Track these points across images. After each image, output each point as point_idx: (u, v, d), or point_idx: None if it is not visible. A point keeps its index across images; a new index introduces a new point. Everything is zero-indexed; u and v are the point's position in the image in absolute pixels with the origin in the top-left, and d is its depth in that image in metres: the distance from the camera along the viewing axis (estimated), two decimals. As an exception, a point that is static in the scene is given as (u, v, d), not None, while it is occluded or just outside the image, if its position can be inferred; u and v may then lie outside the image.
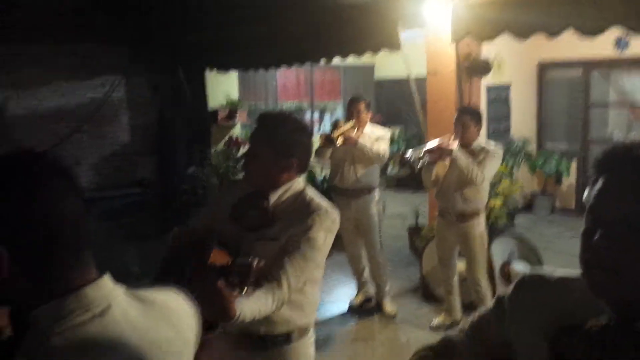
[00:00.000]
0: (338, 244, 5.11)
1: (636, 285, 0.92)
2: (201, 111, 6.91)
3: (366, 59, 8.82)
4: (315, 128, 8.67)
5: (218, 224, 2.00)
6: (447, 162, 3.81)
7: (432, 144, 3.81)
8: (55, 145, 6.72)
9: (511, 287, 1.19)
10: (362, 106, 4.42)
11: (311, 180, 7.13)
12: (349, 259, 4.80)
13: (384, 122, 6.41)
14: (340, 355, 3.98)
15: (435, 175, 3.91)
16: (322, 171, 7.43)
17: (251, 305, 1.70)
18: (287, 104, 8.03)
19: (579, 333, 0.96)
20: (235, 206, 1.99)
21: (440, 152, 3.73)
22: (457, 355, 1.21)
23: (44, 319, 0.85)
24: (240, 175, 2.07)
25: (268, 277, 1.80)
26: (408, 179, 8.71)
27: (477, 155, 3.75)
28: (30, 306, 0.87)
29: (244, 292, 1.61)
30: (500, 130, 6.97)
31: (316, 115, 8.64)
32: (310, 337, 2.06)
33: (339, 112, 8.73)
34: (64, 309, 0.86)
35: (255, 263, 1.59)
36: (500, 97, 6.95)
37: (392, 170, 9.12)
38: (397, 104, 8.76)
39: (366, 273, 4.73)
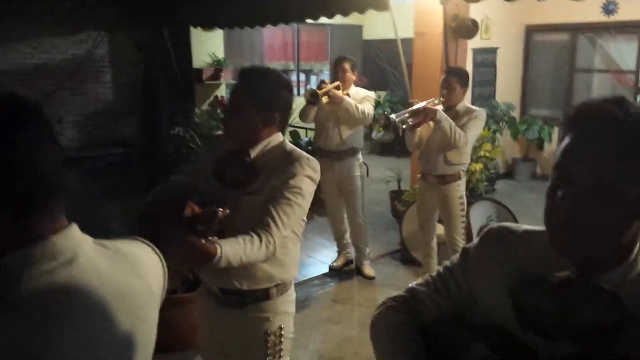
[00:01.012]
0: (320, 207, 5.17)
1: (598, 244, 0.94)
2: (186, 70, 6.82)
3: (354, 19, 8.79)
4: (302, 90, 8.62)
5: (201, 182, 2.02)
6: (431, 124, 3.82)
7: (417, 105, 3.81)
8: (38, 102, 6.65)
9: (477, 239, 1.20)
10: (347, 66, 4.38)
11: (296, 142, 7.12)
12: (331, 222, 4.83)
13: (370, 86, 6.37)
14: (319, 315, 4.04)
15: (419, 137, 3.92)
16: (307, 134, 7.42)
17: (234, 246, 1.73)
18: (273, 65, 7.94)
19: (541, 285, 0.99)
20: (218, 164, 1.99)
21: (424, 114, 3.73)
22: (422, 306, 1.23)
23: (12, 265, 0.86)
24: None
25: (256, 225, 1.82)
26: (392, 144, 8.72)
27: (461, 117, 3.76)
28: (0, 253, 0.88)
29: (210, 239, 1.63)
30: (485, 94, 6.98)
31: (302, 76, 8.57)
32: (291, 295, 2.08)
33: (326, 74, 8.65)
34: (32, 256, 0.87)
35: (220, 210, 1.63)
36: (486, 60, 6.92)
37: (376, 134, 9.10)
38: (385, 66, 8.70)
39: (347, 236, 4.77)
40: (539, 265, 1.01)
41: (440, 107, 3.74)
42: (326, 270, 4.79)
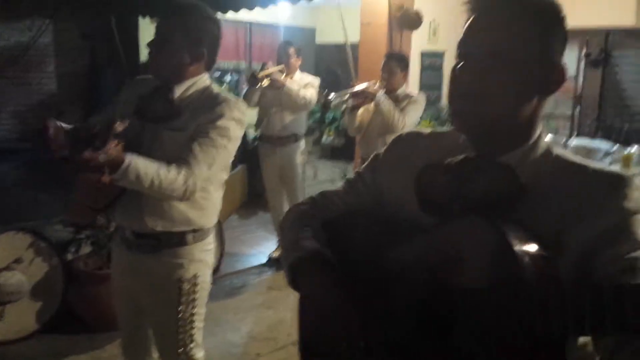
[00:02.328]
0: (264, 203, 5.13)
1: (494, 115, 0.95)
2: (133, 61, 6.69)
3: (307, 21, 8.82)
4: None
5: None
6: (371, 107, 3.83)
7: (357, 87, 3.82)
8: (-25, 90, 6.40)
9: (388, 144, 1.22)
10: (292, 50, 4.38)
11: (244, 139, 7.05)
12: (271, 209, 4.81)
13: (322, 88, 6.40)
14: (253, 301, 3.99)
15: (359, 122, 3.92)
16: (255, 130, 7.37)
17: (146, 162, 1.68)
18: (224, 64, 7.88)
19: (440, 167, 0.98)
20: (139, 101, 1.92)
21: (364, 96, 3.75)
22: (329, 203, 1.22)
23: None
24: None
25: (177, 161, 1.76)
26: (343, 149, 8.75)
27: (401, 102, 3.79)
28: None
29: (107, 149, 1.57)
30: (431, 98, 7.07)
31: (254, 77, 8.53)
32: (209, 244, 2.02)
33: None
34: None
35: (118, 122, 1.59)
36: (434, 64, 7.04)
37: (326, 139, 9.13)
38: (337, 70, 8.75)
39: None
40: (444, 157, 1.01)
41: (380, 91, 3.76)
42: (264, 259, 4.72)
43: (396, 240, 1.03)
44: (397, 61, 3.84)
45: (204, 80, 1.94)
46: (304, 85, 4.38)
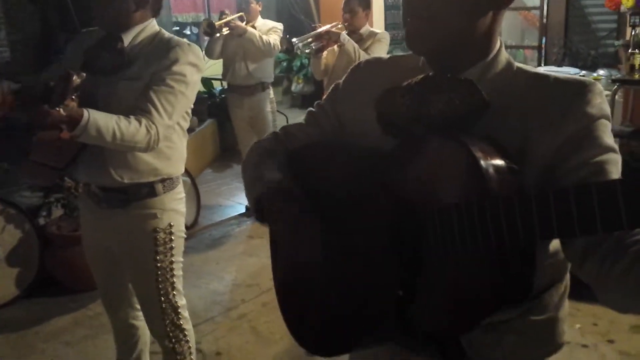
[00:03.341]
0: (237, 156, 5.09)
1: (449, 34, 0.92)
2: (86, 22, 6.45)
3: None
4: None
5: None
6: (335, 49, 3.77)
7: (320, 29, 3.76)
8: None
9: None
10: None
11: (209, 91, 6.93)
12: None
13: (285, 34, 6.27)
14: (234, 250, 4.01)
15: (325, 64, 3.87)
16: (221, 84, 7.24)
17: (105, 116, 1.64)
18: (182, 16, 7.65)
19: (400, 88, 0.96)
20: (86, 54, 1.84)
21: (327, 38, 3.68)
22: (291, 137, 1.21)
23: None
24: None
25: (136, 112, 1.72)
26: (313, 96, 8.67)
27: (365, 40, 3.73)
28: None
29: (66, 103, 1.54)
30: (397, 37, 7.00)
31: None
32: (179, 193, 1.99)
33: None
34: None
35: (73, 73, 1.54)
36: (398, 3, 6.94)
37: (296, 87, 9.03)
38: (299, 16, 8.58)
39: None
40: (404, 80, 0.98)
41: (344, 32, 3.69)
42: (243, 210, 4.71)
43: (360, 167, 1.02)
44: (358, 0, 3.76)
45: (152, 26, 1.88)
46: (267, 30, 4.29)
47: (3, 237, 3.29)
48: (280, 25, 4.41)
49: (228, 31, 4.17)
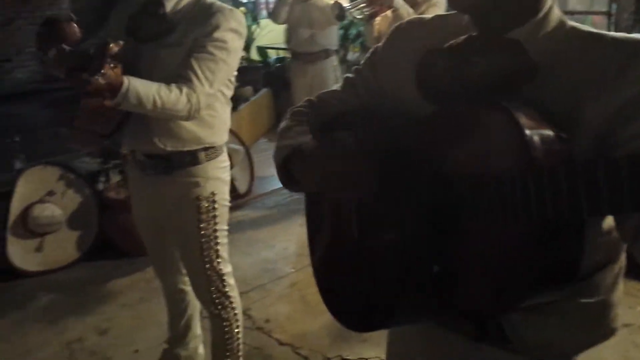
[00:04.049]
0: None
1: None
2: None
3: None
4: (264, 12, 8.35)
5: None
6: (389, 15, 3.65)
7: None
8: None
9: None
10: None
11: (264, 60, 6.93)
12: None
13: None
14: (288, 219, 4.02)
15: (378, 31, 3.76)
16: (277, 53, 7.22)
17: (145, 83, 1.65)
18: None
19: (441, 50, 0.90)
20: (130, 20, 1.84)
21: (380, 2, 3.57)
22: (326, 104, 1.15)
23: None
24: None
25: (177, 80, 1.71)
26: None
27: (420, 5, 3.59)
28: None
29: (103, 72, 1.54)
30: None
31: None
32: (223, 161, 1.99)
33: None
34: None
35: (111, 42, 1.54)
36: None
37: (352, 56, 8.89)
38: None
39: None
40: (447, 42, 0.91)
41: None
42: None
43: (395, 135, 0.97)
44: None
45: None
46: None
47: (64, 202, 3.43)
48: None
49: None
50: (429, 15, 1.10)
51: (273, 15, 4.34)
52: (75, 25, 1.57)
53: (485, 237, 0.78)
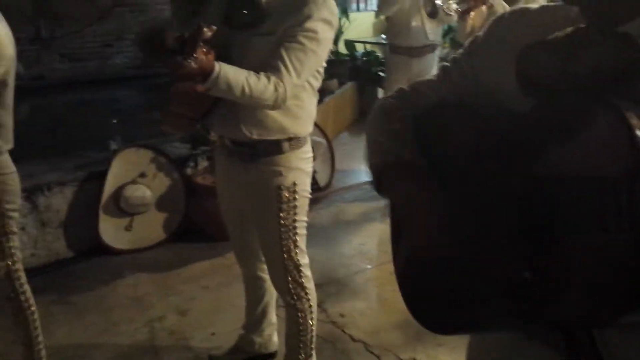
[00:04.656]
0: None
1: None
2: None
3: None
4: (362, 5, 8.32)
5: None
6: (484, 10, 3.54)
7: None
8: (99, 19, 6.74)
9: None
10: None
11: (351, 54, 6.92)
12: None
13: None
14: (367, 215, 4.00)
15: (471, 27, 3.65)
16: (364, 47, 7.18)
17: (236, 70, 1.68)
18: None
19: (545, 43, 0.84)
20: (227, 8, 1.89)
21: None
22: (420, 95, 1.12)
23: None
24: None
25: (266, 68, 1.74)
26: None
27: (518, 1, 3.45)
28: None
29: (196, 56, 1.57)
30: None
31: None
32: (306, 152, 2.00)
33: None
34: None
35: (205, 27, 1.56)
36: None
37: (442, 52, 8.71)
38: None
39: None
40: (552, 34, 0.86)
41: None
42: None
43: (492, 132, 0.92)
44: None
45: None
46: None
47: (154, 184, 3.57)
48: None
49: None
50: (534, 5, 1.05)
51: (382, 7, 4.25)
52: (171, 34, 1.63)
53: (581, 244, 0.73)
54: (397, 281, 1.12)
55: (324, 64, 1.91)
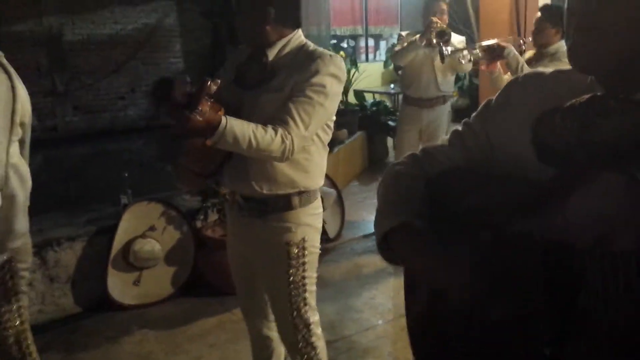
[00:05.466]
0: (384, 169, 5.04)
1: (619, 48, 0.79)
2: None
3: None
4: (371, 55, 8.43)
5: (224, 91, 1.95)
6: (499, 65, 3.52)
7: (488, 42, 3.53)
8: (113, 72, 6.88)
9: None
10: (444, 6, 4.14)
11: (361, 104, 6.97)
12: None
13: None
14: (377, 267, 3.90)
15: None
16: (373, 97, 7.25)
17: (242, 123, 1.69)
18: (340, 30, 7.79)
19: (561, 110, 0.84)
20: (237, 69, 1.95)
21: (492, 52, 3.46)
22: (432, 160, 1.11)
23: None
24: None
25: (274, 122, 1.75)
26: (468, 110, 8.39)
27: (542, 57, 3.42)
28: None
29: (201, 108, 1.58)
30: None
31: (371, 42, 8.37)
32: (316, 208, 1.99)
33: (395, 39, 8.42)
34: None
35: (210, 80, 1.59)
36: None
37: (453, 100, 8.79)
38: (458, 25, 8.37)
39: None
40: (568, 100, 0.86)
41: (510, 46, 3.44)
42: (387, 226, 4.64)
43: (509, 199, 0.90)
44: (546, 14, 3.44)
45: (297, 38, 1.90)
46: (457, 43, 4.17)
47: (164, 237, 3.56)
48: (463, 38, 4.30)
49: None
50: (549, 69, 1.04)
51: (396, 57, 4.29)
52: (180, 85, 1.64)
53: (605, 314, 0.70)
54: (409, 337, 1.09)
55: (334, 118, 1.93)
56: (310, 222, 1.97)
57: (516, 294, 0.84)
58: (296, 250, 1.93)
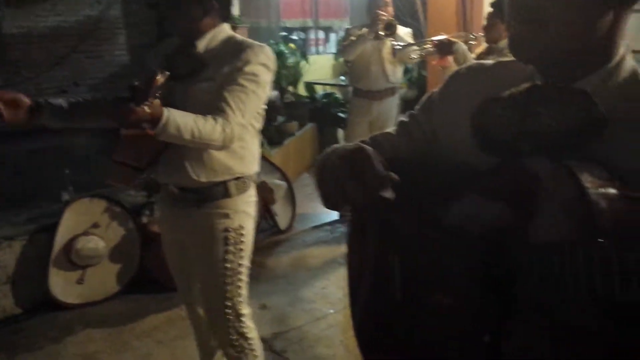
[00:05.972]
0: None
1: (559, 38, 0.79)
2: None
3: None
4: (321, 47, 8.40)
5: None
6: (451, 59, 3.55)
7: (439, 37, 3.57)
8: (55, 65, 6.65)
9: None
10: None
11: (311, 95, 6.96)
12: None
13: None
14: (328, 258, 3.95)
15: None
16: (324, 88, 7.24)
17: (184, 114, 1.69)
18: (290, 22, 7.74)
19: (501, 99, 0.83)
20: (166, 61, 1.92)
21: (440, 47, 3.50)
22: (377, 148, 1.08)
23: None
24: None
25: (211, 112, 1.75)
26: (416, 101, 8.47)
27: (492, 53, 3.45)
28: None
29: (150, 102, 1.57)
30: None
31: (321, 34, 8.35)
32: (251, 196, 2.01)
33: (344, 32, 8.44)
34: None
35: (158, 74, 1.59)
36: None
37: (402, 92, 8.87)
38: (407, 19, 8.44)
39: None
40: (508, 89, 0.85)
41: (460, 42, 3.48)
42: (337, 218, 4.64)
43: (448, 190, 0.89)
44: (497, 11, 3.47)
45: (222, 30, 1.92)
46: (403, 35, 4.18)
47: (108, 234, 3.45)
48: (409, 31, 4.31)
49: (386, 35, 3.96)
50: (489, 61, 1.04)
51: (344, 51, 4.27)
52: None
53: (541, 306, 0.69)
54: (352, 324, 1.08)
55: (264, 106, 1.95)
56: (246, 209, 1.99)
57: (450, 283, 0.84)
58: (234, 236, 1.94)
